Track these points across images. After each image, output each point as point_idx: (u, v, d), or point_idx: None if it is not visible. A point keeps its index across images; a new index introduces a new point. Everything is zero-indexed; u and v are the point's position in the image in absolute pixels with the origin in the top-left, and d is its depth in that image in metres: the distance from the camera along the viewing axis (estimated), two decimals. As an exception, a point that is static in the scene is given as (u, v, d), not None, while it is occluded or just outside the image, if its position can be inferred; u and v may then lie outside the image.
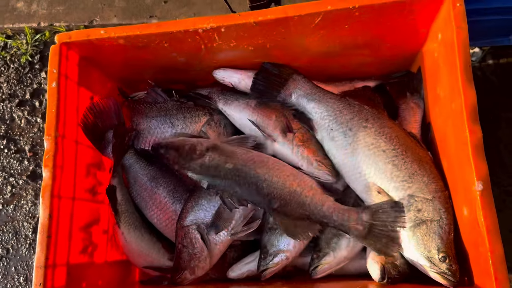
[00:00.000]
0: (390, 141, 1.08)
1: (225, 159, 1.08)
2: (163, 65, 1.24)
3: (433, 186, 1.04)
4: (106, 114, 1.24)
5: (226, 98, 1.30)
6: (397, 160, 1.06)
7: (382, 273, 1.02)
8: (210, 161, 1.09)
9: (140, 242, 1.24)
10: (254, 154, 1.12)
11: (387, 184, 1.06)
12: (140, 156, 1.26)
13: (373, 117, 1.13)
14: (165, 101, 1.28)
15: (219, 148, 1.11)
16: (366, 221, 1.04)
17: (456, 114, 0.97)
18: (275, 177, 1.08)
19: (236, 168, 1.08)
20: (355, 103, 1.16)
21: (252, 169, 1.08)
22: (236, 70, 1.26)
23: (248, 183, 1.07)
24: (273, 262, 1.13)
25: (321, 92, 1.19)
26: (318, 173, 1.13)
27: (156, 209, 1.25)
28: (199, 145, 1.12)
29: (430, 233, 1.01)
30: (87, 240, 1.18)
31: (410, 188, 1.04)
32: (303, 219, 1.07)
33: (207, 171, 1.09)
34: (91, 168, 1.22)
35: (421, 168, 1.06)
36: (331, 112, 1.16)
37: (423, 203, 1.02)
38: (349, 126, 1.12)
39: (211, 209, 1.17)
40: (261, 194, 1.07)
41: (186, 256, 1.15)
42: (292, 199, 1.07)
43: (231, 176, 1.07)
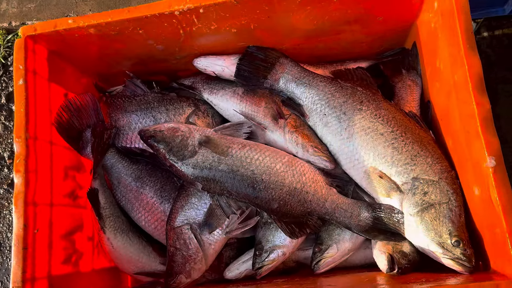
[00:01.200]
0: (388, 123, 1.02)
1: (219, 158, 1.01)
2: (140, 54, 1.15)
3: (438, 166, 0.97)
4: (83, 111, 1.15)
5: (211, 88, 1.22)
6: (397, 143, 0.99)
7: (390, 263, 0.95)
8: (203, 161, 1.02)
9: (128, 247, 1.15)
10: (250, 149, 1.04)
11: (388, 169, 0.99)
12: (122, 155, 1.17)
13: (368, 99, 1.06)
14: (145, 94, 1.19)
15: (212, 141, 1.03)
16: (369, 217, 1.01)
17: (459, 86, 0.89)
18: (273, 176, 1.01)
19: (231, 170, 1.00)
20: (347, 85, 1.08)
21: (249, 169, 1.00)
22: (218, 57, 1.17)
23: (245, 185, 1.00)
24: (269, 259, 1.06)
25: (311, 75, 1.12)
26: (315, 159, 1.06)
27: (143, 210, 1.16)
28: (191, 137, 1.04)
29: (439, 217, 0.94)
30: (70, 248, 1.09)
31: (413, 171, 0.97)
32: (304, 215, 1.01)
33: (201, 172, 1.01)
34: (70, 171, 1.13)
35: (423, 149, 0.99)
36: (322, 96, 1.08)
37: (429, 186, 0.95)
38: (343, 110, 1.05)
39: (203, 207, 1.09)
40: (259, 196, 1.00)
41: (180, 259, 1.07)
42: (292, 198, 1.01)
43: (226, 179, 1.00)
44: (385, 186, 0.99)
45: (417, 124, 1.04)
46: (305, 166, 1.06)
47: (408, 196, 0.97)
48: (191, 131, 1.05)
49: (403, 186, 0.97)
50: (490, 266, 0.88)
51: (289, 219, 1.02)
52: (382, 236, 1.01)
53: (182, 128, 1.06)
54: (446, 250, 0.91)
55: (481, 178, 0.84)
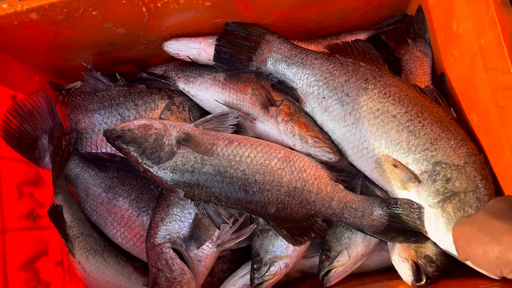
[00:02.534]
0: (400, 102, 0.86)
1: (202, 159, 0.84)
2: (99, 42, 0.97)
3: (464, 149, 0.82)
4: (36, 114, 0.96)
5: (187, 76, 1.04)
6: (413, 125, 0.84)
7: (415, 273, 0.79)
8: (184, 163, 0.84)
9: (104, 270, 0.98)
10: (238, 145, 0.87)
11: (404, 156, 0.83)
12: (88, 163, 1.00)
13: (374, 76, 0.89)
14: (109, 88, 1.01)
15: (192, 139, 0.86)
16: (384, 215, 0.86)
17: (489, 52, 0.73)
18: (268, 175, 0.85)
19: (218, 172, 0.84)
20: (348, 61, 0.92)
21: (239, 169, 0.84)
22: (192, 38, 0.99)
23: (236, 188, 0.84)
24: (270, 273, 0.90)
25: (304, 52, 0.94)
26: (316, 151, 0.89)
27: (118, 225, 0.99)
28: (167, 136, 0.86)
29: (464, 207, 0.79)
30: (33, 280, 0.92)
31: (434, 157, 0.82)
32: (307, 218, 0.85)
33: (182, 176, 0.84)
34: (25, 187, 0.95)
35: (444, 130, 0.83)
36: (319, 76, 0.91)
37: (452, 171, 0.81)
38: (345, 90, 0.89)
39: (187, 218, 0.92)
40: (253, 200, 0.84)
41: (164, 281, 0.91)
42: (292, 200, 0.85)
43: (213, 183, 0.84)
44: (401, 176, 0.83)
45: (434, 101, 0.88)
46: (305, 160, 0.89)
47: (427, 184, 0.82)
48: (167, 128, 0.88)
49: (422, 175, 0.82)
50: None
51: (290, 224, 0.86)
52: (402, 237, 0.86)
53: (155, 125, 0.88)
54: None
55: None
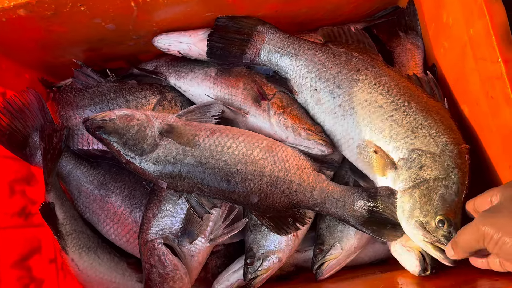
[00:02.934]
0: (389, 92, 0.86)
1: (184, 150, 0.84)
2: (89, 38, 0.96)
3: (444, 138, 0.82)
4: (27, 111, 0.96)
5: (178, 71, 1.03)
6: (397, 114, 0.84)
7: (422, 263, 0.80)
8: (166, 155, 0.84)
9: (97, 266, 0.98)
10: (220, 135, 0.87)
11: (386, 145, 0.84)
12: (80, 159, 0.99)
13: (366, 66, 0.89)
14: (99, 84, 1.00)
15: (175, 130, 0.86)
16: (365, 205, 0.86)
17: (478, 42, 0.73)
18: (251, 165, 0.85)
19: (200, 163, 0.84)
20: (340, 51, 0.91)
21: (220, 160, 0.84)
22: (182, 33, 0.98)
23: (218, 179, 0.84)
24: (263, 268, 0.90)
25: (296, 42, 0.94)
26: (309, 144, 0.89)
27: (111, 222, 0.98)
28: (150, 127, 0.86)
29: (430, 194, 0.79)
30: (26, 277, 0.91)
31: (413, 145, 0.82)
32: (290, 208, 0.86)
33: (164, 168, 0.84)
34: (16, 185, 0.94)
35: (428, 119, 0.83)
36: (312, 68, 0.91)
37: (427, 158, 0.81)
38: (336, 83, 0.88)
39: (179, 214, 0.91)
40: (235, 190, 0.84)
41: (157, 277, 0.90)
42: (275, 189, 0.85)
43: (195, 174, 0.84)
44: (380, 162, 0.83)
45: (427, 91, 0.87)
46: (288, 150, 0.90)
47: (402, 171, 0.82)
48: (149, 119, 0.88)
49: (399, 162, 0.82)
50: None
51: (273, 213, 0.86)
52: (383, 231, 0.86)
53: (137, 116, 0.88)
54: (427, 232, 0.77)
55: (514, 153, 0.69)
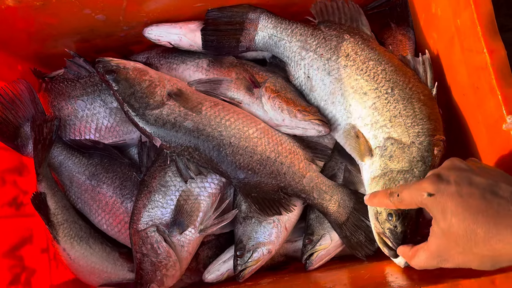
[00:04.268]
0: (374, 78, 0.85)
1: (186, 113, 0.87)
2: (79, 29, 0.96)
3: (417, 129, 0.81)
4: (18, 102, 0.96)
5: (169, 62, 1.03)
6: (379, 102, 0.84)
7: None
8: (169, 114, 0.86)
9: (89, 256, 0.99)
10: (222, 108, 0.89)
11: (367, 132, 0.84)
12: (72, 150, 1.00)
13: (355, 50, 0.88)
14: (91, 75, 1.00)
15: (183, 95, 0.88)
16: (349, 206, 0.89)
17: (464, 32, 0.73)
18: (244, 141, 0.86)
19: (196, 128, 0.86)
20: (332, 34, 0.90)
21: (216, 130, 0.86)
22: (173, 24, 0.98)
23: (210, 147, 0.86)
24: (253, 259, 0.91)
25: (289, 27, 0.93)
26: (306, 125, 0.88)
27: (103, 212, 0.99)
28: (160, 86, 0.89)
29: (390, 185, 0.79)
30: (17, 267, 0.92)
31: (388, 133, 0.82)
32: (276, 191, 0.87)
33: (163, 126, 0.86)
34: (7, 175, 0.95)
35: (407, 108, 0.82)
36: (304, 55, 0.91)
37: (397, 149, 0.81)
38: (326, 69, 0.89)
39: (169, 204, 0.92)
40: (224, 161, 0.86)
41: (149, 266, 0.91)
42: (263, 169, 0.87)
43: (189, 138, 0.86)
44: (361, 147, 0.84)
45: (416, 75, 0.86)
46: (284, 136, 0.91)
47: (375, 159, 0.83)
48: (161, 79, 0.90)
49: (375, 150, 0.83)
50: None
51: (258, 194, 0.87)
52: (353, 241, 0.89)
53: (151, 73, 0.91)
54: (378, 222, 0.79)
55: (499, 143, 0.69)
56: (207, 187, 0.92)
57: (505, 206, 0.55)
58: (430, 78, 0.85)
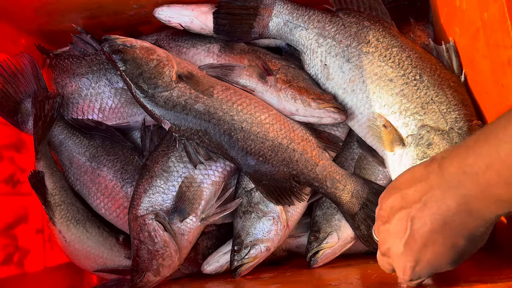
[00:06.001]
0: (400, 64, 0.83)
1: (197, 96, 0.84)
2: (87, 4, 0.93)
3: (454, 115, 0.79)
4: (20, 76, 0.93)
5: (179, 45, 1.00)
6: (407, 89, 0.81)
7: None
8: (179, 96, 0.84)
9: (85, 240, 0.96)
10: (234, 92, 0.87)
11: (395, 120, 0.81)
12: (73, 130, 0.97)
13: (377, 37, 0.85)
14: (98, 52, 0.97)
15: (194, 78, 0.86)
16: (361, 197, 0.86)
17: (492, 27, 0.69)
18: (255, 126, 0.84)
19: (208, 111, 0.83)
20: (351, 21, 0.87)
21: (228, 114, 0.83)
22: (185, 5, 0.94)
23: (221, 132, 0.83)
24: (250, 256, 0.88)
25: (306, 13, 0.90)
26: (320, 113, 0.86)
27: (102, 196, 0.96)
28: (169, 66, 0.86)
29: None
30: (11, 246, 0.89)
31: (422, 121, 0.79)
32: (288, 179, 0.84)
33: (173, 108, 0.84)
34: (5, 151, 0.92)
35: (439, 94, 0.80)
36: (322, 41, 0.88)
37: (436, 136, 0.78)
38: (346, 56, 0.86)
39: (171, 191, 0.89)
40: (235, 147, 0.84)
41: (146, 254, 0.88)
42: (275, 155, 0.84)
43: (200, 122, 0.84)
44: (389, 137, 0.81)
45: (441, 63, 0.84)
46: (296, 123, 0.89)
47: (410, 148, 0.80)
48: (170, 60, 0.87)
49: (407, 138, 0.80)
50: None
51: (269, 182, 0.85)
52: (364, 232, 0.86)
53: (159, 52, 0.88)
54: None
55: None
56: (210, 175, 0.89)
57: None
58: (457, 65, 0.83)
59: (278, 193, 0.85)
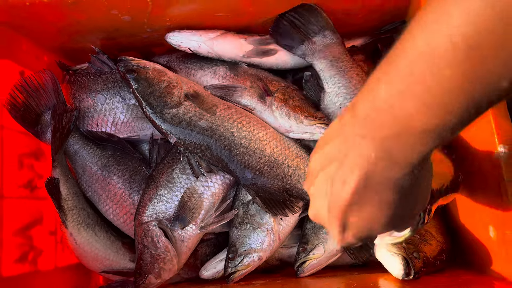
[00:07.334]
0: None
1: (201, 114, 0.92)
2: (105, 27, 1.02)
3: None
4: (41, 91, 1.02)
5: (188, 67, 1.08)
6: None
7: (406, 268, 0.83)
8: (185, 113, 0.92)
9: (94, 243, 1.04)
10: (235, 111, 0.95)
11: None
12: (88, 140, 1.05)
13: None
14: (113, 71, 1.06)
15: (199, 97, 0.94)
16: None
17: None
18: (253, 143, 0.92)
19: (210, 128, 0.91)
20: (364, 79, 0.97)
21: (228, 131, 0.91)
22: (194, 31, 1.03)
23: (221, 147, 0.91)
24: (243, 264, 0.94)
25: (349, 62, 0.99)
26: (312, 130, 0.94)
27: (111, 202, 1.04)
28: (178, 87, 0.94)
29: None
30: (26, 245, 0.97)
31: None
32: (282, 192, 0.92)
33: (179, 124, 0.92)
34: (25, 159, 1.00)
35: None
36: (350, 91, 0.96)
37: None
38: None
39: (173, 200, 0.97)
40: (234, 161, 0.91)
41: (149, 257, 0.96)
42: (270, 170, 0.92)
43: (203, 137, 0.92)
44: None
45: None
46: (292, 142, 0.97)
47: None
48: (179, 81, 0.96)
49: None
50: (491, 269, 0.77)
51: (264, 194, 0.92)
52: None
53: (169, 74, 0.97)
54: None
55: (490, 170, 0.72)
56: (210, 187, 0.96)
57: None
58: None
59: (272, 205, 0.92)
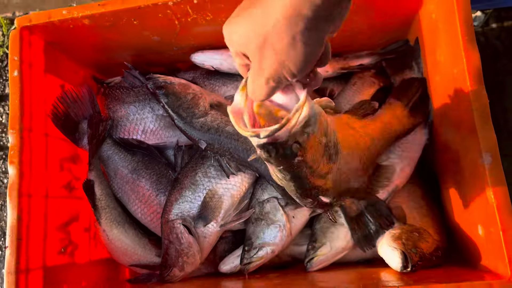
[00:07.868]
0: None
1: (227, 120, 1.02)
2: (137, 46, 1.14)
3: None
4: (79, 102, 1.14)
5: (212, 84, 1.20)
6: None
7: (404, 261, 0.91)
8: (212, 121, 1.03)
9: (124, 239, 1.15)
10: None
11: None
12: (119, 147, 1.17)
13: None
14: (143, 85, 1.18)
15: (223, 106, 1.05)
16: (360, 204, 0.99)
17: (458, 80, 0.87)
18: None
19: (236, 133, 1.00)
20: None
21: None
22: (215, 51, 1.15)
23: (248, 148, 1.01)
24: (257, 256, 1.04)
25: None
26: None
27: (139, 203, 1.16)
28: (203, 99, 1.05)
29: None
30: (66, 239, 1.09)
31: None
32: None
33: (208, 131, 1.03)
34: (65, 163, 1.13)
35: None
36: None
37: None
38: None
39: (197, 200, 1.08)
40: (258, 161, 1.00)
41: (174, 252, 1.07)
42: None
43: (231, 141, 1.01)
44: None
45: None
46: None
47: None
48: (202, 93, 1.07)
49: None
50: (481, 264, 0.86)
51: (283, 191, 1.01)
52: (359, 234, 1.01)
53: (193, 87, 1.08)
54: None
55: (477, 175, 0.82)
56: (230, 189, 1.07)
57: None
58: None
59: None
